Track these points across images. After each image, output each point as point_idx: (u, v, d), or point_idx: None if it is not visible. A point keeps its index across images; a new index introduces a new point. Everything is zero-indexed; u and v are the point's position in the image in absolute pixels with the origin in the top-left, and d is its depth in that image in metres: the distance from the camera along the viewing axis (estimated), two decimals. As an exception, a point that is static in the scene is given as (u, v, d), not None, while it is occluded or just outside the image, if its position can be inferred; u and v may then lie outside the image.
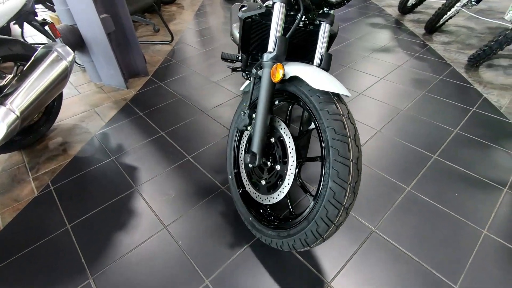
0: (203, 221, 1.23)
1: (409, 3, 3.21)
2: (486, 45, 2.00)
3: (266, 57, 0.91)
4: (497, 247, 1.09)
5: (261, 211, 1.12)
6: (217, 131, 1.73)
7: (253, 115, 1.02)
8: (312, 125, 0.92)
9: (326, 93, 0.84)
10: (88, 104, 2.05)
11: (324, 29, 1.00)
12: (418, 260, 1.06)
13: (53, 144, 1.71)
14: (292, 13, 1.07)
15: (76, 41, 2.01)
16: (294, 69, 0.88)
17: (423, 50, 2.52)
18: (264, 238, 1.03)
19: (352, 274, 1.03)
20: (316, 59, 1.02)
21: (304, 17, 1.05)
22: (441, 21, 2.66)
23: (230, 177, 1.23)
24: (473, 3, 2.41)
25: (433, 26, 2.67)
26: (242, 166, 1.16)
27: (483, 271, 1.02)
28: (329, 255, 1.08)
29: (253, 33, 1.18)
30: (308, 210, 0.90)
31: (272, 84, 0.92)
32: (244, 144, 1.14)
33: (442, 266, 1.04)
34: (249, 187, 1.12)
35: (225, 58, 1.78)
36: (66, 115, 1.95)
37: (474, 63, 2.14)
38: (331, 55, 1.02)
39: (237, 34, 1.93)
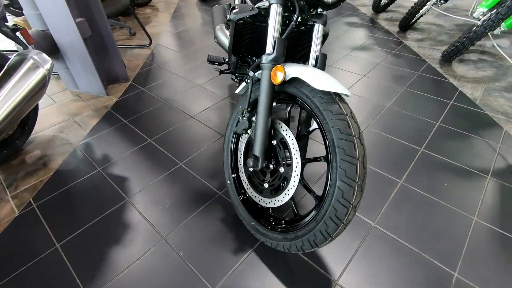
0: (203, 229, 1.20)
1: (382, 2, 3.33)
2: (458, 41, 2.12)
3: (265, 59, 0.90)
4: (487, 232, 1.15)
5: (265, 215, 1.11)
6: (207, 135, 1.69)
7: (253, 118, 1.01)
8: (313, 126, 0.93)
9: (328, 93, 0.85)
10: (66, 114, 1.93)
11: (318, 30, 1.01)
12: (417, 251, 1.09)
13: (31, 158, 1.59)
14: (286, 14, 1.07)
15: (49, 47, 1.89)
16: (294, 70, 0.88)
17: (399, 48, 2.63)
18: (270, 241, 1.02)
19: (357, 270, 1.04)
20: (311, 60, 1.02)
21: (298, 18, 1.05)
22: (414, 19, 2.78)
23: (228, 182, 1.21)
24: (442, 1, 2.55)
25: (407, 24, 2.78)
26: (241, 170, 1.14)
27: (478, 256, 1.07)
28: (333, 253, 1.09)
29: (245, 35, 1.16)
30: (315, 210, 0.90)
31: (272, 86, 0.91)
32: (243, 147, 1.12)
33: (440, 255, 1.08)
34: (251, 191, 1.10)
35: (211, 61, 1.75)
36: (43, 126, 1.83)
37: (448, 58, 2.26)
38: (326, 55, 1.03)
39: (221, 36, 1.90)
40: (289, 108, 1.02)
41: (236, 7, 1.10)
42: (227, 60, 1.76)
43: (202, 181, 1.41)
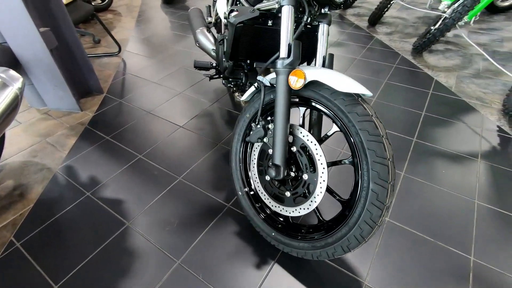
0: (218, 246, 1.13)
1: (349, -1, 3.43)
2: (430, 33, 2.24)
3: (281, 63, 0.86)
4: (490, 213, 1.22)
5: (284, 223, 1.07)
6: (202, 145, 1.61)
7: (269, 126, 0.96)
8: (333, 129, 0.90)
9: (349, 95, 0.83)
10: (36, 135, 1.73)
11: (323, 30, 0.99)
12: (433, 240, 1.13)
13: (3, 190, 1.40)
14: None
15: (8, 62, 1.68)
16: (312, 73, 0.84)
17: (372, 42, 2.72)
18: (296, 251, 0.99)
19: (382, 267, 1.04)
20: (319, 60, 1.00)
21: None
22: (382, 13, 2.90)
23: (240, 193, 1.15)
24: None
25: (376, 18, 2.89)
26: (256, 181, 1.09)
27: (488, 237, 1.13)
28: (355, 254, 1.09)
29: (245, 39, 1.11)
30: (345, 215, 0.88)
31: (290, 92, 0.88)
32: (256, 157, 1.07)
33: (453, 241, 1.12)
34: (269, 201, 1.06)
35: (199, 67, 1.67)
36: (10, 152, 1.62)
37: (420, 50, 2.38)
38: (333, 55, 1.01)
39: (204, 40, 1.82)
40: (304, 112, 0.99)
41: (234, 10, 1.04)
42: (214, 64, 1.69)
43: (206, 194, 1.33)
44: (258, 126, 0.97)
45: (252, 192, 1.13)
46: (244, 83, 1.44)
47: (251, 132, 0.99)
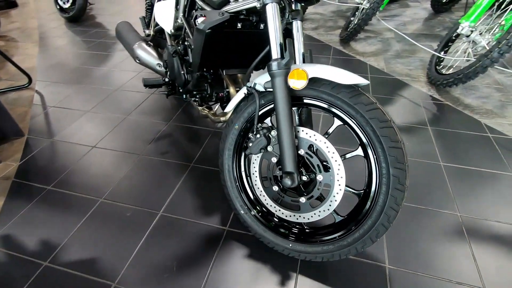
0: (232, 277, 1.01)
1: None
2: (352, 23, 2.46)
3: (277, 65, 0.80)
4: (458, 171, 1.38)
5: (299, 231, 1.01)
6: (172, 170, 1.44)
7: (272, 133, 0.89)
8: (335, 124, 0.89)
9: (350, 86, 0.82)
10: None
11: (298, 27, 0.97)
12: (418, 206, 1.22)
13: None
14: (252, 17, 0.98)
15: None
16: (310, 71, 0.81)
17: (304, 37, 2.86)
18: (321, 256, 0.94)
19: (396, 247, 1.08)
20: (299, 58, 0.97)
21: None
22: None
23: (242, 212, 1.05)
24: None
25: (300, 16, 3.06)
26: (262, 194, 1.00)
27: (464, 192, 1.27)
28: (367, 240, 1.10)
29: (216, 46, 1.01)
30: (365, 207, 0.87)
31: (290, 93, 0.82)
32: (257, 169, 0.99)
33: (438, 203, 1.23)
34: (282, 212, 0.99)
35: (150, 85, 1.49)
36: None
37: (347, 40, 2.60)
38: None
39: (145, 54, 1.64)
40: (299, 110, 0.94)
41: (199, 15, 0.94)
42: (167, 80, 1.52)
43: (197, 223, 1.19)
44: (258, 136, 0.89)
45: (255, 207, 1.04)
46: (210, 94, 1.33)
47: (250, 144, 0.90)
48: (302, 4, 0.91)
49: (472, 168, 1.39)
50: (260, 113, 0.95)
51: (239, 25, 1.00)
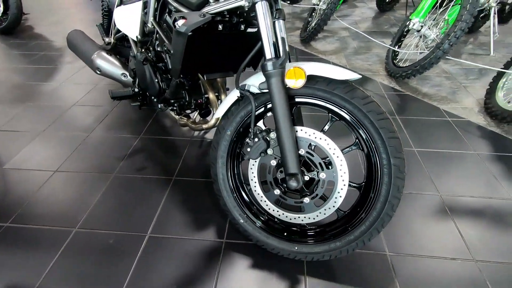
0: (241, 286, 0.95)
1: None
2: (314, 24, 2.54)
3: (272, 65, 0.77)
4: (429, 155, 1.48)
5: (300, 231, 1.00)
6: (153, 187, 1.33)
7: (271, 135, 0.86)
8: (331, 119, 0.89)
9: (345, 82, 0.83)
10: None
11: (281, 26, 0.95)
12: (407, 192, 1.28)
13: None
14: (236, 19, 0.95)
15: None
16: (306, 68, 0.80)
17: (264, 40, 2.89)
18: (329, 254, 0.93)
19: (394, 234, 1.12)
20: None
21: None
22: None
23: (241, 221, 1.01)
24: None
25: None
26: (263, 200, 0.97)
27: (440, 173, 1.37)
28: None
29: (197, 50, 0.96)
30: (368, 199, 0.88)
31: (287, 93, 0.80)
32: (255, 175, 0.95)
33: (420, 186, 1.31)
34: (285, 216, 0.96)
35: (118, 97, 1.37)
36: None
37: (308, 40, 2.68)
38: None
39: (106, 64, 1.52)
40: (293, 109, 0.93)
41: (179, 17, 0.87)
42: (136, 90, 1.42)
43: (191, 239, 1.11)
44: (256, 139, 0.86)
45: (259, 214, 1.00)
46: (189, 101, 1.27)
47: (249, 149, 0.87)
48: (288, 2, 0.90)
49: (442, 151, 1.51)
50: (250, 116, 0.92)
51: (219, 26, 0.96)
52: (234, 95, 0.90)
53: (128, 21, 1.34)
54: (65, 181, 1.36)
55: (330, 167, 0.88)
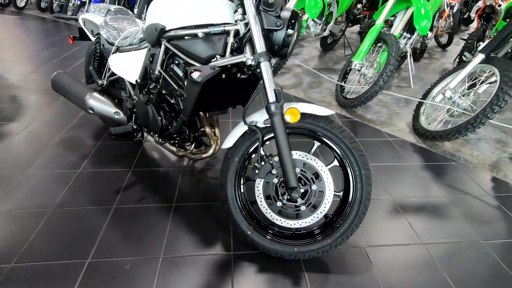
0: (254, 291, 1.13)
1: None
2: (275, 63, 2.94)
3: (275, 107, 1.04)
4: (376, 168, 1.87)
5: (298, 235, 1.23)
6: (156, 213, 1.45)
7: (274, 159, 1.11)
8: (315, 146, 1.18)
9: (325, 117, 1.13)
10: None
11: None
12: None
13: None
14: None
15: None
16: (300, 108, 1.08)
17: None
18: (322, 250, 1.18)
19: (366, 230, 1.41)
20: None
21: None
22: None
23: (249, 232, 1.21)
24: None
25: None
26: (268, 212, 1.18)
27: (390, 180, 1.74)
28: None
29: (207, 94, 1.18)
30: (349, 201, 1.17)
31: (285, 126, 1.07)
32: (261, 192, 1.17)
33: (375, 193, 1.66)
34: (287, 223, 1.19)
35: (119, 134, 1.50)
36: None
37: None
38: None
39: (100, 104, 1.65)
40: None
41: (193, 70, 1.10)
42: (135, 126, 1.56)
43: (202, 255, 1.25)
44: (263, 163, 1.10)
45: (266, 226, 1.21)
46: (188, 135, 1.46)
47: (257, 171, 1.10)
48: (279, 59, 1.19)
49: (388, 164, 1.91)
50: (256, 144, 1.16)
51: (223, 75, 1.20)
52: (241, 129, 1.14)
53: (126, 66, 1.51)
54: (65, 217, 1.40)
55: (318, 180, 1.15)
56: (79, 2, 4.99)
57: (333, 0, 3.41)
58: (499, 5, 3.21)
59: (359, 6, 4.41)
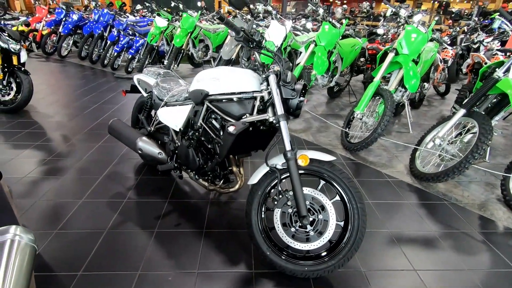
0: (272, 302, 1.39)
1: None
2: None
3: (291, 153, 1.39)
4: (375, 204, 2.15)
5: (307, 256, 1.51)
6: (190, 237, 1.75)
7: (290, 193, 1.44)
8: (321, 184, 1.51)
9: (329, 162, 1.48)
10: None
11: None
12: (367, 230, 1.89)
13: None
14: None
15: None
16: (309, 155, 1.43)
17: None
18: (328, 270, 1.45)
19: (365, 256, 1.67)
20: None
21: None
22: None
23: (267, 253, 1.50)
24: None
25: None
26: (284, 236, 1.49)
27: (388, 215, 2.01)
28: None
29: (238, 141, 1.56)
30: (348, 229, 1.46)
31: (298, 168, 1.42)
32: (278, 219, 1.49)
33: (374, 226, 1.93)
34: (299, 246, 1.48)
35: (165, 170, 1.87)
36: None
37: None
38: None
39: (148, 146, 2.04)
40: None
41: (229, 125, 1.49)
42: (175, 165, 1.94)
43: (230, 272, 1.53)
44: (280, 196, 1.43)
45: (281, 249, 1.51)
46: (219, 173, 1.82)
47: (276, 203, 1.43)
48: (293, 118, 1.58)
49: (386, 201, 2.19)
50: (275, 182, 1.50)
51: (250, 128, 1.59)
52: (264, 169, 1.49)
53: (173, 117, 1.93)
54: (117, 237, 1.73)
55: (324, 211, 1.46)
56: (115, 54, 5.74)
57: (337, 57, 3.94)
58: (486, 63, 3.65)
59: (362, 59, 4.97)
